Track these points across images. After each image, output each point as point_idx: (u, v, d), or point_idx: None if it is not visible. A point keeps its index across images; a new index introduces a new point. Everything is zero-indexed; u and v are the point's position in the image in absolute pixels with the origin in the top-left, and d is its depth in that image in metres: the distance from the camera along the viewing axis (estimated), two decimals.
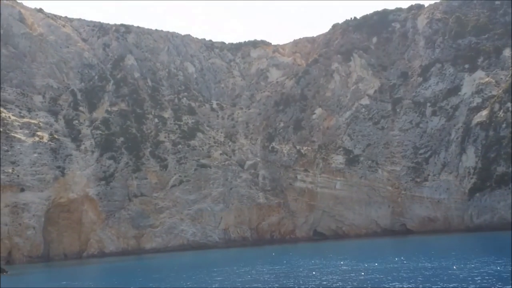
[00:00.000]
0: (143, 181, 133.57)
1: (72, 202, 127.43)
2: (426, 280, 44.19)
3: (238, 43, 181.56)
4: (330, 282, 48.03)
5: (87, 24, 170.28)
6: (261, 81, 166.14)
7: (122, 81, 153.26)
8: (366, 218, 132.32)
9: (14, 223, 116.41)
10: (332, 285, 46.03)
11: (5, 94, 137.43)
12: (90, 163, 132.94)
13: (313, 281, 49.24)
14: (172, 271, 72.38)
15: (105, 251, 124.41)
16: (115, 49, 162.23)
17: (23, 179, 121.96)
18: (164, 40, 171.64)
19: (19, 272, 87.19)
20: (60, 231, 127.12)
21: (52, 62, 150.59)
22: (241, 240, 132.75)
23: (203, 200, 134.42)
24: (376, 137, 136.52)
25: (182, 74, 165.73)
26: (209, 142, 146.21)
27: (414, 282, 43.69)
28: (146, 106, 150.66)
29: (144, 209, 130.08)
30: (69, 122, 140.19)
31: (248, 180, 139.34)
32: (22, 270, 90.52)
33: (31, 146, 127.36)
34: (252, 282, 52.14)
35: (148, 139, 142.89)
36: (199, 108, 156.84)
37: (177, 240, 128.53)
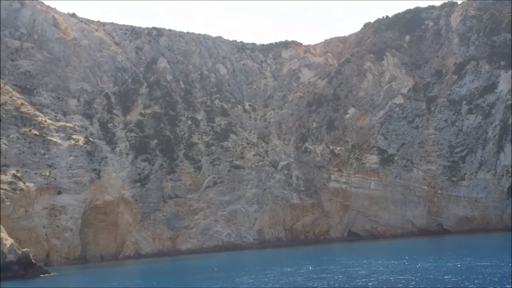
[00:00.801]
0: (177, 182, 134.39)
1: (108, 204, 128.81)
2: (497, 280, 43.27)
3: (269, 44, 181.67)
4: (406, 281, 47.44)
5: (120, 28, 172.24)
6: (293, 82, 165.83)
7: (155, 83, 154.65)
8: (401, 218, 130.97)
9: (51, 225, 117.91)
10: (409, 285, 45.42)
11: (41, 98, 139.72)
12: (125, 166, 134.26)
13: (387, 281, 48.82)
14: (222, 271, 72.40)
15: (141, 253, 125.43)
16: (148, 52, 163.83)
17: (60, 181, 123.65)
18: (196, 42, 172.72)
19: (62, 273, 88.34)
20: (97, 233, 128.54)
21: (86, 66, 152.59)
22: (276, 241, 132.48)
23: (237, 201, 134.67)
24: (410, 136, 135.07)
25: (214, 76, 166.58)
26: (242, 143, 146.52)
27: (483, 282, 42.91)
28: (179, 108, 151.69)
29: (179, 211, 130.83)
30: (103, 125, 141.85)
31: (281, 180, 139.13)
32: (64, 272, 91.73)
33: (67, 149, 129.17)
34: (320, 281, 51.76)
35: (182, 141, 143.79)
36: (232, 109, 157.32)
37: (212, 241, 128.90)
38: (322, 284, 50.17)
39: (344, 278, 53.72)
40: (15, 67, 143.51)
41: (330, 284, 49.36)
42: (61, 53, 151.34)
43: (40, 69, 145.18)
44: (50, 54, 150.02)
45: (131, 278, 74.98)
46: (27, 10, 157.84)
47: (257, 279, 59.23)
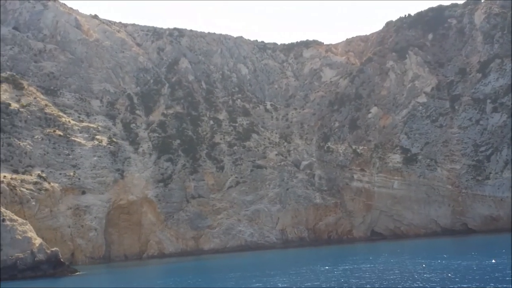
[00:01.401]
0: (200, 182, 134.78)
1: (131, 204, 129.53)
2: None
3: (290, 44, 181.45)
4: (461, 280, 46.98)
5: (141, 29, 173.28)
6: (314, 81, 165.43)
7: (177, 84, 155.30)
8: (425, 217, 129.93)
9: (76, 225, 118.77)
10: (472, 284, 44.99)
11: (64, 99, 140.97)
12: (148, 166, 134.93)
13: (431, 280, 48.37)
14: (255, 270, 72.26)
15: (164, 252, 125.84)
16: (169, 53, 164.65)
17: (84, 182, 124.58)
18: (217, 42, 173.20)
19: (90, 272, 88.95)
20: (120, 232, 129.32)
21: (108, 67, 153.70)
22: (298, 240, 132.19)
23: (259, 201, 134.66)
24: (434, 135, 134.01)
25: (236, 76, 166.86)
26: (264, 143, 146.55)
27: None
28: (201, 108, 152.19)
29: (202, 210, 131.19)
30: (126, 126, 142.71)
31: (304, 180, 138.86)
32: (92, 271, 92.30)
33: (91, 150, 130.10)
34: (366, 279, 51.48)
35: (204, 141, 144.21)
36: (253, 109, 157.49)
37: (235, 240, 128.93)
38: (372, 283, 49.65)
39: (396, 277, 53.13)
40: (38, 68, 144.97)
41: (389, 284, 48.67)
42: (83, 54, 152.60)
43: (63, 70, 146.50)
44: (73, 55, 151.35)
45: (162, 277, 74.90)
46: (50, 12, 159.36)
47: (299, 277, 59.12)
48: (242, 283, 57.56)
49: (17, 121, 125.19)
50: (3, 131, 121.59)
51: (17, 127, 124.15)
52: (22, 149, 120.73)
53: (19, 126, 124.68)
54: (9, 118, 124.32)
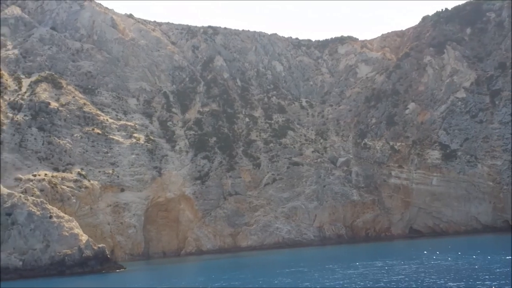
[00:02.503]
0: (237, 179, 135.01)
1: (169, 201, 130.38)
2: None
3: (325, 40, 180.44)
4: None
5: (176, 28, 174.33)
6: (350, 77, 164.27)
7: (212, 82, 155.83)
8: (465, 214, 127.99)
9: (116, 222, 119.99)
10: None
11: (102, 98, 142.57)
12: (185, 163, 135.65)
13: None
14: (303, 266, 71.93)
15: (202, 249, 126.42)
16: (204, 51, 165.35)
17: (123, 179, 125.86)
18: (252, 40, 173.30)
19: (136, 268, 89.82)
20: (159, 229, 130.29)
21: (144, 66, 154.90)
22: (336, 237, 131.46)
23: (296, 198, 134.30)
24: (474, 131, 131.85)
25: (271, 73, 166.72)
26: (300, 140, 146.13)
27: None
28: (236, 106, 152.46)
29: (239, 208, 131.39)
30: (163, 124, 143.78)
31: (341, 177, 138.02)
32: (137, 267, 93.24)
33: (129, 148, 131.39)
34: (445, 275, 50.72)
35: (240, 138, 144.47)
36: (289, 106, 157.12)
37: (272, 238, 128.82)
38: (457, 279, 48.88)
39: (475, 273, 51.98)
40: (76, 67, 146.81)
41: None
42: (120, 53, 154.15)
43: (100, 69, 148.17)
44: (109, 54, 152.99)
45: (210, 273, 74.71)
46: (86, 12, 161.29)
47: (358, 273, 58.64)
48: (302, 278, 57.21)
49: (57, 120, 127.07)
50: (43, 129, 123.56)
51: (56, 126, 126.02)
52: (62, 147, 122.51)
53: (58, 125, 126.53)
54: (48, 117, 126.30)
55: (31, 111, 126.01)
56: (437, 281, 48.01)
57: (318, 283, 52.39)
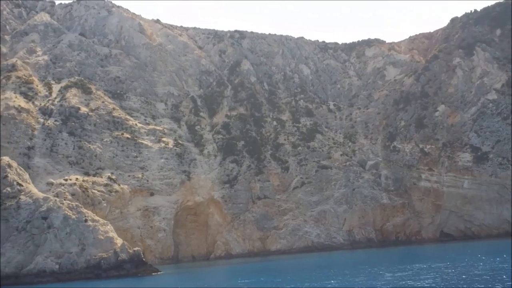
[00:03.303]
0: (265, 183, 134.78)
1: (198, 205, 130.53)
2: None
3: (352, 43, 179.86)
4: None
5: (202, 32, 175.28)
6: (378, 80, 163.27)
7: (240, 86, 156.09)
8: (497, 217, 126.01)
9: (145, 226, 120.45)
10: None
11: (131, 102, 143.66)
12: (213, 167, 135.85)
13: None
14: (341, 269, 71.22)
15: (231, 253, 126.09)
16: (231, 55, 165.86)
17: (152, 183, 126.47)
18: (278, 43, 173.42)
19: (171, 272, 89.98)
20: (188, 233, 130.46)
21: (172, 70, 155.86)
22: (366, 241, 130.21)
23: (325, 202, 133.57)
24: (506, 133, 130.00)
25: (298, 76, 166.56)
26: (328, 143, 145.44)
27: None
28: (264, 110, 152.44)
29: (267, 211, 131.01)
30: (191, 128, 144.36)
31: (370, 180, 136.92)
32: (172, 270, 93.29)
33: (157, 152, 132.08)
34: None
35: (268, 141, 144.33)
36: (317, 109, 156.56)
37: (301, 241, 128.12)
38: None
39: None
40: (105, 73, 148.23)
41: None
42: (147, 58, 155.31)
43: (128, 74, 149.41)
44: (137, 59, 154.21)
45: (244, 276, 74.10)
46: (114, 18, 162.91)
47: (410, 274, 57.80)
48: (338, 282, 56.72)
49: (87, 125, 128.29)
50: (73, 134, 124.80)
51: (87, 131, 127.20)
52: (92, 152, 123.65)
53: (88, 130, 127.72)
54: (79, 121, 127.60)
55: (62, 116, 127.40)
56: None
57: (390, 283, 51.62)
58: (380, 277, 57.83)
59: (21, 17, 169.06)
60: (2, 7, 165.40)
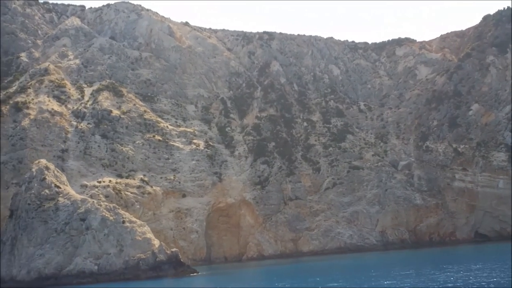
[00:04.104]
0: (297, 184, 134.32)
1: (230, 206, 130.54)
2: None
3: (382, 42, 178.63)
4: None
5: (231, 34, 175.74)
6: (409, 80, 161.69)
7: (269, 87, 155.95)
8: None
9: (178, 227, 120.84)
10: None
11: (161, 105, 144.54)
12: (244, 168, 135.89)
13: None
14: (383, 270, 70.33)
15: (263, 254, 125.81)
16: (260, 56, 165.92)
17: (184, 185, 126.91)
18: (307, 44, 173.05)
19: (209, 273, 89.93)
20: (220, 235, 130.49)
21: (201, 73, 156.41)
22: (399, 242, 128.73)
23: (357, 202, 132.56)
24: None
25: (328, 76, 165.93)
26: (359, 144, 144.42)
27: None
28: (294, 111, 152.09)
29: (299, 212, 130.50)
30: (221, 129, 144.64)
31: (403, 181, 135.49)
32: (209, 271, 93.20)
33: (189, 154, 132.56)
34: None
35: (299, 142, 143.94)
36: (347, 110, 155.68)
37: (334, 242, 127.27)
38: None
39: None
40: (136, 76, 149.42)
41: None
42: (177, 61, 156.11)
43: (158, 77, 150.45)
44: (167, 62, 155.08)
45: (283, 277, 73.52)
46: (144, 21, 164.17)
47: (462, 275, 56.75)
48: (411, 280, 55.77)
49: (119, 127, 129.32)
50: (106, 137, 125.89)
51: (119, 133, 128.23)
52: (125, 154, 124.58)
53: (120, 132, 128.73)
54: (111, 124, 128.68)
55: (94, 119, 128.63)
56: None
57: (442, 283, 50.79)
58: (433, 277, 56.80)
59: (52, 21, 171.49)
60: (33, 12, 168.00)
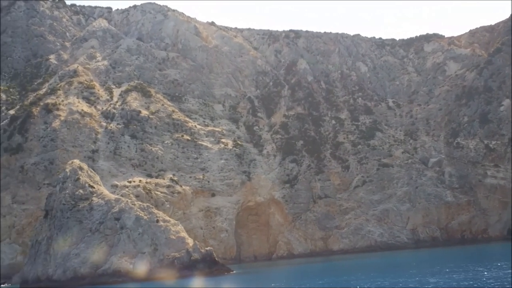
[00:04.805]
0: (326, 182, 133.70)
1: (259, 205, 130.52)
2: None
3: (410, 39, 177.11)
4: None
5: (257, 33, 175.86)
6: (438, 76, 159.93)
7: (296, 85, 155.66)
8: None
9: (208, 226, 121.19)
10: None
11: (189, 105, 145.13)
12: (273, 167, 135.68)
13: None
14: (423, 267, 69.26)
15: (293, 253, 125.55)
16: (287, 55, 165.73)
17: (213, 184, 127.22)
18: (334, 41, 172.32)
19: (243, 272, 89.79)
20: (249, 233, 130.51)
21: (228, 72, 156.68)
22: (431, 240, 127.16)
23: (387, 200, 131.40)
24: None
25: (355, 74, 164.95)
26: (389, 141, 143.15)
27: None
28: (322, 108, 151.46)
29: (329, 211, 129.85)
30: (249, 128, 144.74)
31: (433, 178, 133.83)
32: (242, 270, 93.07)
33: (217, 153, 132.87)
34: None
35: (327, 140, 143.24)
36: (375, 107, 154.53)
37: (364, 241, 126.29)
38: None
39: None
40: (163, 76, 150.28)
41: None
42: (204, 60, 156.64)
43: (186, 77, 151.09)
44: (194, 62, 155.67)
45: (321, 275, 72.77)
46: (170, 21, 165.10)
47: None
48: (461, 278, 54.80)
49: (148, 127, 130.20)
50: (135, 137, 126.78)
51: (148, 133, 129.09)
52: (154, 154, 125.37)
53: (149, 132, 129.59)
54: (140, 124, 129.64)
55: (123, 120, 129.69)
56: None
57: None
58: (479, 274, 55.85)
59: (80, 23, 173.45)
60: (61, 14, 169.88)
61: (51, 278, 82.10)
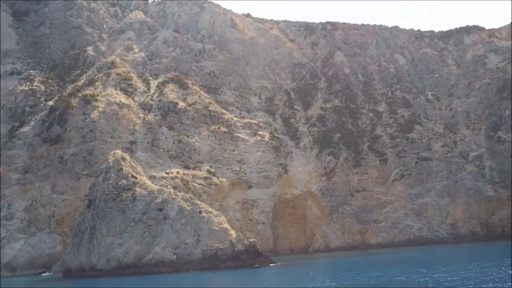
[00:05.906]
0: (363, 176, 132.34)
1: (296, 198, 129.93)
2: None
3: (449, 31, 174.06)
4: None
5: (293, 25, 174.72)
6: (478, 68, 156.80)
7: (333, 77, 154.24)
8: None
9: (245, 218, 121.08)
10: None
11: (225, 96, 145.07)
12: (310, 160, 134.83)
13: None
14: (477, 262, 67.97)
15: (330, 246, 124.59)
16: (323, 47, 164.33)
17: (250, 176, 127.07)
18: (372, 33, 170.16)
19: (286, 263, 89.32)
20: (286, 226, 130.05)
21: (265, 64, 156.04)
22: (471, 235, 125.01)
23: (426, 194, 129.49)
24: None
25: (393, 66, 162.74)
26: (428, 134, 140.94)
27: None
28: (359, 101, 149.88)
29: (366, 204, 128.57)
30: (286, 121, 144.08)
31: (473, 172, 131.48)
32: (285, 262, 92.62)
33: (254, 145, 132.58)
34: None
35: (365, 133, 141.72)
36: (414, 100, 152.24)
37: (402, 235, 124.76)
38: None
39: None
40: (200, 68, 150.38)
41: None
42: (240, 52, 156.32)
43: (222, 69, 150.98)
44: (230, 54, 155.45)
45: (372, 268, 71.22)
46: (206, 13, 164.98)
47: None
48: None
49: (185, 119, 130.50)
50: (173, 129, 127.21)
51: (185, 125, 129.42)
52: (191, 146, 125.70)
53: (187, 124, 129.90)
54: (177, 116, 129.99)
55: (161, 111, 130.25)
56: None
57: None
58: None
59: (117, 15, 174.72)
60: (98, 6, 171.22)
61: (94, 267, 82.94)
